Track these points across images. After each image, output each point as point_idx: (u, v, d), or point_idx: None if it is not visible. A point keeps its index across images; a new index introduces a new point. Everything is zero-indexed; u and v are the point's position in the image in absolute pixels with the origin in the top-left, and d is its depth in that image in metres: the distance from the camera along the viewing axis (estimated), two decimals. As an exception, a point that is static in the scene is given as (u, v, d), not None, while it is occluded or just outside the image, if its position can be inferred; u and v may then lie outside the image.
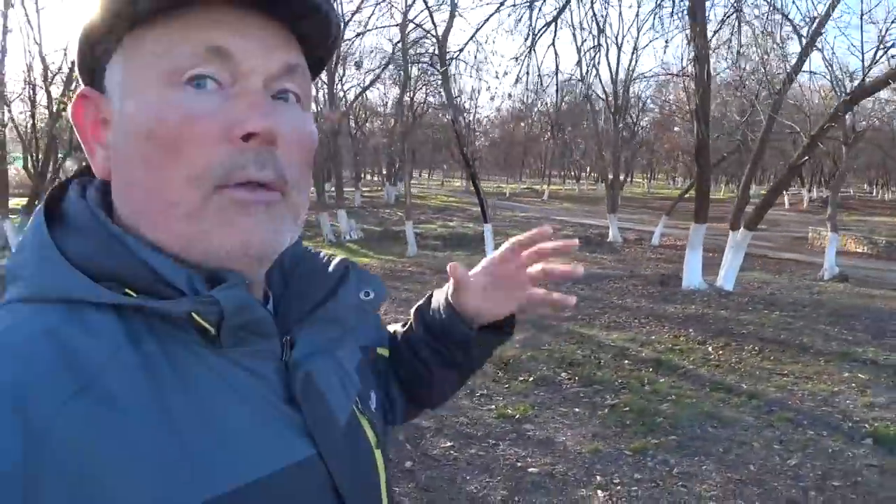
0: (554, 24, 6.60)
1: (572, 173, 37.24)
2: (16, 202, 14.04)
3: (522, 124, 32.40)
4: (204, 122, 0.43)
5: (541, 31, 6.82)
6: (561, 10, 6.60)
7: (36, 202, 10.84)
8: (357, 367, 0.58)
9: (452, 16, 10.36)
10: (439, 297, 0.72)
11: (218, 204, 0.44)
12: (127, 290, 0.43)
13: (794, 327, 6.35)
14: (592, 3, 6.94)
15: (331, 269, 0.57)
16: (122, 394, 0.39)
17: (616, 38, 16.35)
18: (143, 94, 0.44)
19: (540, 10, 7.21)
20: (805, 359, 5.32)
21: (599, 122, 16.67)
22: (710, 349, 5.59)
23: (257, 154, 0.44)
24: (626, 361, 5.13)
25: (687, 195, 14.08)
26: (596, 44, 7.28)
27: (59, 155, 11.32)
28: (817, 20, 8.10)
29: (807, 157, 7.56)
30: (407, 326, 0.74)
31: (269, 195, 0.45)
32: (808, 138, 7.61)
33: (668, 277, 9.15)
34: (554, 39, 9.75)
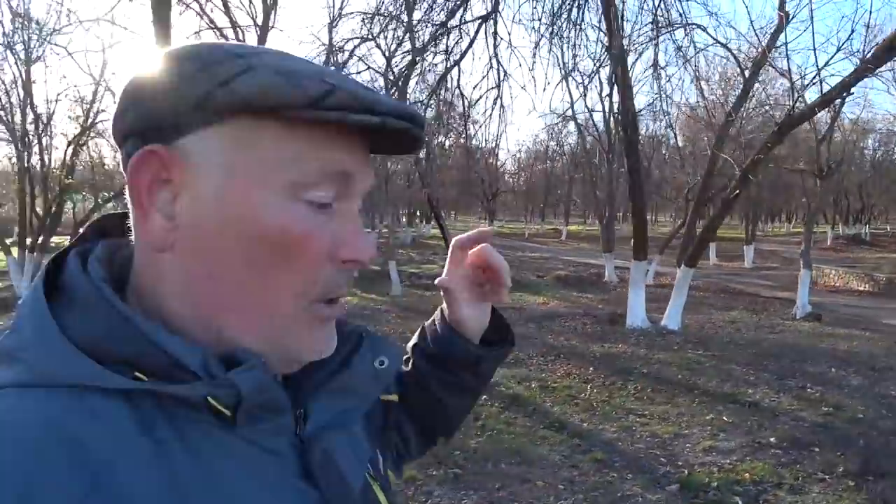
0: (457, 67, 6.88)
1: (601, 213, 36.79)
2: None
3: (543, 166, 32.51)
4: (317, 241, 0.44)
5: (448, 72, 7.10)
6: (462, 55, 6.89)
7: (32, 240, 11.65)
8: (365, 430, 0.58)
9: (413, 62, 10.81)
10: (432, 326, 0.72)
11: (308, 316, 0.46)
12: (137, 374, 0.40)
13: (701, 368, 6.07)
14: (495, 46, 7.15)
15: (343, 337, 0.54)
16: (135, 491, 0.37)
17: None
18: (263, 195, 0.43)
19: (451, 51, 7.50)
20: (681, 399, 5.09)
21: (594, 161, 16.61)
22: (589, 387, 5.43)
23: (348, 274, 0.47)
24: (484, 397, 5.06)
25: (678, 235, 13.74)
26: (498, 84, 7.45)
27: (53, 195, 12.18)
28: (759, 55, 7.98)
29: (738, 191, 7.32)
30: (410, 365, 0.73)
31: (340, 310, 0.49)
32: (741, 171, 7.39)
33: (619, 316, 8.91)
34: (459, 79, 10.02)
